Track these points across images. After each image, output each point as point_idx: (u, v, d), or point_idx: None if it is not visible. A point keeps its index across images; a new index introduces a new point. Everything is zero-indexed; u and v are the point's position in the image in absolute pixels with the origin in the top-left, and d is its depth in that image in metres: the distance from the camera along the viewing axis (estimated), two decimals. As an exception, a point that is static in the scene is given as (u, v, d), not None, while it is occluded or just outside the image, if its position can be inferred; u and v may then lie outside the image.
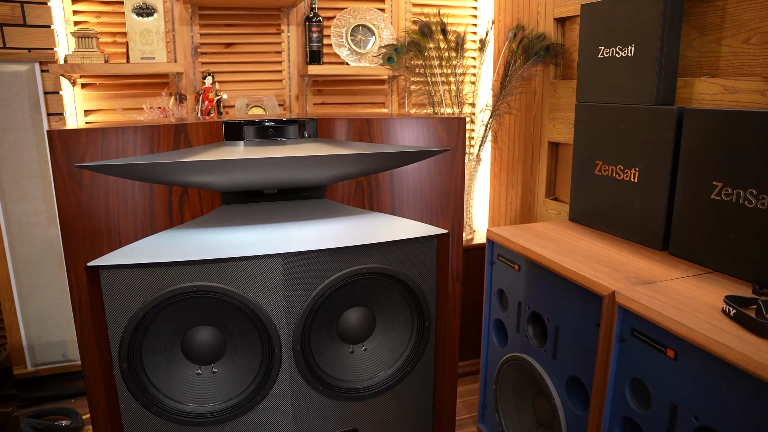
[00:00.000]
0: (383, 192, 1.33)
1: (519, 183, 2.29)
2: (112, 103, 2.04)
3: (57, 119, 1.96)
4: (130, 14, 1.83)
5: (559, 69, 2.02)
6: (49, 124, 1.95)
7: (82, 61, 1.81)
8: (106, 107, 2.04)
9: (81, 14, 1.97)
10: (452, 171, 1.36)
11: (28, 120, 1.89)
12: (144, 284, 1.23)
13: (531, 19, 2.12)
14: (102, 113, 2.04)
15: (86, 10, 1.96)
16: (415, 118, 1.31)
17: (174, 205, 1.22)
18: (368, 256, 1.35)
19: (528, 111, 2.18)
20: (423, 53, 2.07)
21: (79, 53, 1.81)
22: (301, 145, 1.27)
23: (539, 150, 2.13)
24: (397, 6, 2.33)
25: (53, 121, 1.95)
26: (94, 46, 1.83)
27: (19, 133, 1.89)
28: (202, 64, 2.12)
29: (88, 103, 2.02)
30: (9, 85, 1.86)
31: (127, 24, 1.85)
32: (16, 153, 1.90)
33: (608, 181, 1.60)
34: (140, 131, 1.15)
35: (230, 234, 1.25)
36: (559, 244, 1.54)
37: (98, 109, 2.04)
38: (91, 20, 1.98)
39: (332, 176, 1.29)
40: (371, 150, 1.25)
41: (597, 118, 1.62)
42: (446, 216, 1.39)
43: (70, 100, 1.99)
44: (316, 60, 2.18)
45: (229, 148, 1.23)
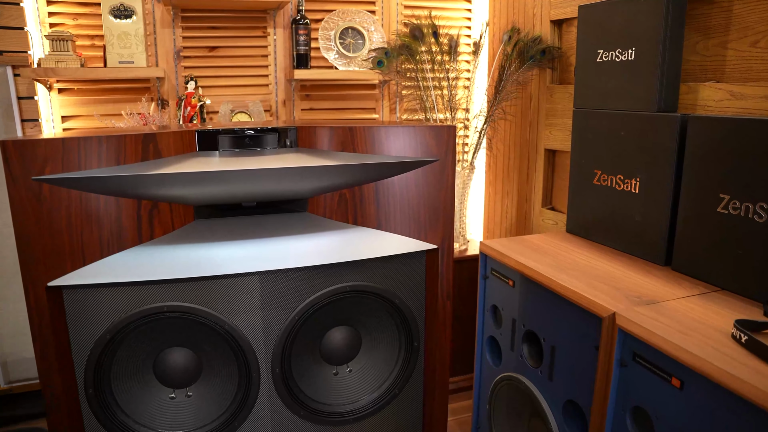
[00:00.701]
0: (368, 205, 1.25)
1: (514, 191, 2.22)
2: (90, 109, 1.96)
3: (32, 126, 1.88)
4: (107, 16, 1.75)
5: (556, 73, 1.95)
6: (24, 131, 1.87)
7: (57, 65, 1.74)
8: (85, 113, 1.96)
9: (57, 16, 1.89)
10: (442, 182, 1.28)
11: (0, 127, 1.81)
12: (111, 305, 1.15)
13: (527, 21, 2.05)
14: (80, 119, 1.97)
15: (62, 11, 1.89)
16: (401, 126, 1.23)
17: (143, 219, 1.14)
18: (352, 274, 1.27)
19: (523, 117, 2.11)
20: (414, 57, 2.00)
21: (53, 57, 1.74)
22: (280, 155, 1.19)
23: (535, 157, 2.06)
24: (388, 8, 2.26)
25: (27, 128, 1.87)
26: (70, 50, 1.75)
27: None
28: (184, 69, 2.04)
29: (66, 109, 1.95)
30: (-20, 90, 1.78)
31: (104, 26, 1.77)
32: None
33: (607, 192, 1.52)
34: (105, 141, 1.07)
35: (203, 251, 1.17)
36: (555, 258, 1.46)
37: (76, 115, 1.96)
38: (68, 22, 1.90)
39: (313, 189, 1.21)
40: (354, 161, 1.17)
41: (595, 125, 1.54)
42: (436, 230, 1.31)
43: (46, 106, 1.92)
44: (304, 64, 2.10)
45: (202, 159, 1.15)
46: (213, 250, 1.18)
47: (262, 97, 2.16)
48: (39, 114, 1.89)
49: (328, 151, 1.22)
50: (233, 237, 1.20)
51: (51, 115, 1.92)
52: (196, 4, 1.91)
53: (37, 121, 1.89)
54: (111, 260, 1.13)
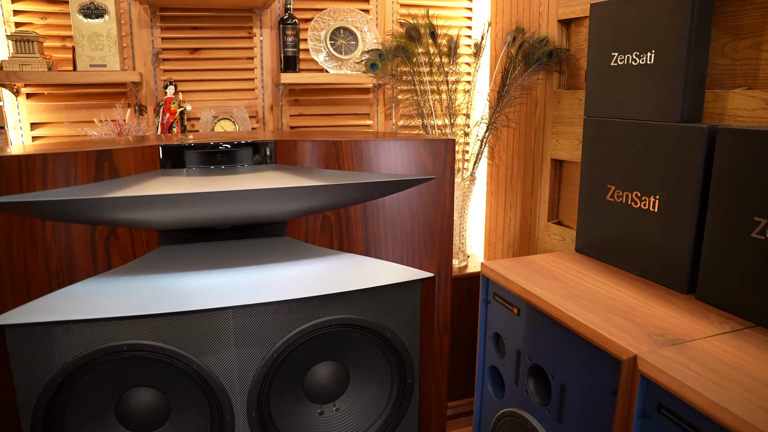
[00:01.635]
0: (355, 228, 1.11)
1: (518, 203, 2.07)
2: (62, 116, 1.82)
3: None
4: (77, 15, 1.61)
5: (564, 77, 1.81)
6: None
7: (21, 68, 1.60)
8: (56, 120, 1.82)
9: (23, 14, 1.75)
10: (438, 203, 1.14)
11: (-38, 135, 1.68)
12: (62, 345, 1.01)
13: (532, 21, 1.91)
14: (51, 126, 1.83)
15: (29, 9, 1.75)
16: (392, 140, 1.09)
17: (98, 247, 1.00)
18: (338, 306, 1.14)
19: (528, 124, 1.97)
20: (411, 59, 1.86)
21: (17, 59, 1.60)
22: (256, 174, 1.05)
23: (541, 168, 1.92)
24: (382, 6, 2.12)
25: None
26: (36, 51, 1.61)
27: (-48, 150, 1.67)
28: (164, 72, 1.90)
29: (35, 115, 1.81)
30: (-62, 96, 1.64)
31: (73, 26, 1.63)
32: (-52, 173, 1.67)
33: (622, 209, 1.38)
34: (51, 159, 0.93)
35: (169, 282, 1.03)
36: (564, 284, 1.32)
37: (46, 122, 1.82)
38: (36, 21, 1.76)
39: (292, 211, 1.07)
40: (339, 180, 1.04)
41: (609, 135, 1.40)
42: (431, 256, 1.17)
43: (13, 112, 1.78)
44: (292, 67, 1.96)
45: (164, 179, 1.01)
46: (179, 281, 1.04)
47: (248, 103, 2.02)
48: (5, 121, 1.75)
49: (310, 169, 1.08)
50: (203, 266, 1.06)
51: (19, 122, 1.78)
52: (175, 2, 1.77)
53: (3, 129, 1.75)
54: (61, 294, 0.99)
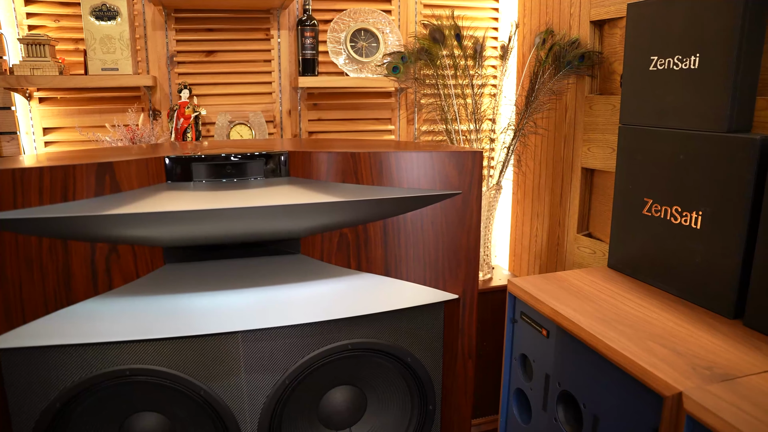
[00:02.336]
0: (374, 247, 1.03)
1: (546, 213, 1.98)
2: (74, 120, 1.77)
3: (9, 139, 1.70)
4: (88, 17, 1.56)
5: (596, 82, 1.71)
6: (0, 145, 1.68)
7: (32, 72, 1.55)
8: (69, 124, 1.77)
9: (36, 17, 1.71)
10: (464, 220, 1.05)
11: (-27, 141, 1.64)
12: (60, 369, 0.95)
13: (562, 22, 1.81)
14: (63, 131, 1.78)
15: (42, 12, 1.70)
16: (415, 151, 1.01)
17: (99, 266, 0.94)
18: (355, 329, 1.06)
19: (557, 131, 1.87)
20: (434, 62, 1.78)
21: (28, 63, 1.55)
22: (268, 188, 0.98)
23: (570, 177, 1.82)
24: (405, 7, 2.04)
25: (4, 142, 1.69)
26: (47, 55, 1.56)
27: (-38, 155, 1.63)
28: (178, 75, 1.84)
29: (48, 120, 1.76)
30: (-51, 101, 1.60)
31: (84, 29, 1.58)
32: (-41, 179, 1.63)
33: (661, 225, 1.28)
34: (48, 173, 0.87)
35: (174, 304, 0.96)
36: (598, 305, 1.23)
37: (59, 126, 1.77)
38: (49, 24, 1.71)
39: (306, 228, 0.99)
40: (357, 196, 0.96)
41: (647, 145, 1.31)
42: (456, 277, 1.08)
43: (25, 117, 1.73)
44: (310, 70, 1.89)
45: (169, 193, 0.94)
46: (185, 303, 0.97)
47: (265, 107, 1.95)
48: (17, 126, 1.71)
49: (326, 183, 1.00)
50: (210, 286, 0.99)
51: (32, 127, 1.74)
52: (190, 3, 1.71)
53: (16, 134, 1.70)
54: (58, 317, 0.93)
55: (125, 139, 1.64)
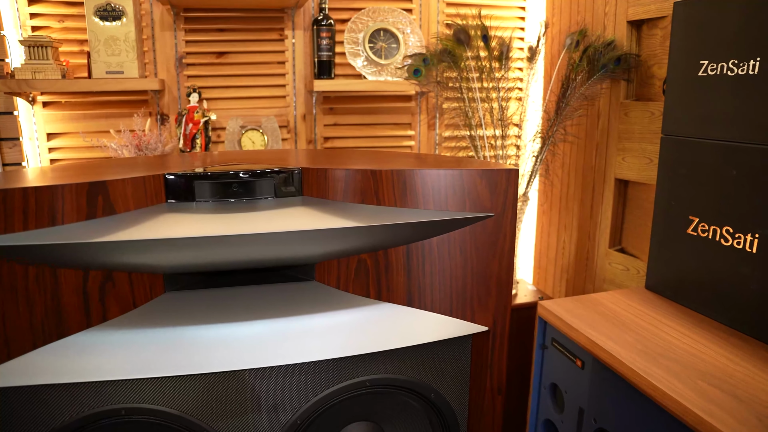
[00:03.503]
0: (396, 274, 0.93)
1: (574, 225, 1.86)
2: (79, 125, 1.69)
3: (11, 145, 1.62)
4: (92, 17, 1.47)
5: (632, 86, 1.59)
6: (1, 152, 1.61)
7: (34, 75, 1.47)
8: (73, 129, 1.69)
9: (40, 17, 1.62)
10: (496, 245, 0.95)
11: (-27, 147, 1.56)
12: (49, 408, 0.86)
13: (596, 21, 1.69)
14: (68, 137, 1.70)
15: (46, 12, 1.62)
16: (443, 169, 0.91)
17: (92, 296, 0.85)
18: (374, 364, 0.96)
19: (589, 138, 1.76)
20: (458, 64, 1.67)
21: (29, 66, 1.47)
22: (278, 210, 0.88)
23: (602, 187, 1.70)
24: (427, 5, 1.93)
25: (6, 148, 1.61)
26: (50, 57, 1.48)
27: (-39, 162, 1.56)
28: (188, 78, 1.75)
29: (52, 125, 1.68)
30: (-52, 106, 1.53)
31: (88, 30, 1.50)
32: (-42, 187, 1.56)
33: (708, 246, 1.17)
34: (33, 194, 0.78)
35: (174, 337, 0.87)
36: (639, 335, 1.12)
37: (63, 132, 1.69)
38: (54, 25, 1.63)
39: (321, 254, 0.90)
40: (377, 219, 0.86)
41: (693, 158, 1.19)
42: (486, 307, 0.98)
43: (29, 122, 1.65)
44: (326, 72, 1.79)
45: (169, 216, 0.85)
46: (187, 336, 0.88)
47: (278, 111, 1.86)
48: (20, 132, 1.63)
49: (343, 204, 0.90)
50: (215, 317, 0.89)
51: (35, 132, 1.66)
52: (201, 2, 1.62)
53: (18, 140, 1.62)
54: (47, 352, 0.84)
55: (131, 146, 1.55)
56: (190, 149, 1.68)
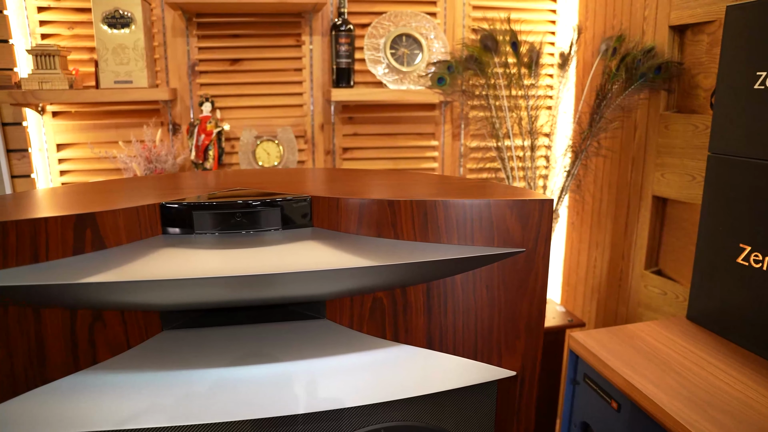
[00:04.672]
0: (415, 314, 0.84)
1: (607, 243, 1.75)
2: (89, 136, 1.63)
3: (20, 157, 1.56)
4: (100, 25, 1.41)
5: (673, 97, 1.47)
6: (9, 164, 1.55)
7: (41, 86, 1.41)
8: (82, 140, 1.63)
9: (49, 25, 1.57)
10: (527, 283, 0.85)
11: (-20, 159, 1.51)
12: (33, 458, 0.78)
13: (634, 26, 1.57)
14: (77, 148, 1.64)
15: (55, 19, 1.56)
16: (468, 200, 0.81)
17: (80, 337, 0.77)
18: (389, 412, 0.87)
19: (624, 152, 1.64)
20: (485, 72, 1.56)
21: (36, 76, 1.41)
22: (286, 244, 0.80)
23: (638, 205, 1.59)
24: (452, 9, 1.83)
25: (15, 160, 1.56)
26: (57, 67, 1.42)
27: (-31, 175, 1.50)
28: (200, 86, 1.68)
29: (61, 136, 1.62)
30: (-45, 116, 1.47)
31: (96, 38, 1.43)
32: (-36, 200, 1.51)
33: (761, 278, 1.05)
34: (13, 228, 0.71)
35: (171, 382, 0.79)
36: (682, 377, 1.01)
37: (73, 143, 1.63)
38: (63, 32, 1.57)
39: (332, 293, 0.81)
40: (394, 257, 0.76)
41: (745, 180, 1.08)
42: (513, 350, 0.88)
43: (38, 133, 1.59)
44: (345, 80, 1.70)
45: (165, 251, 0.77)
46: (184, 382, 0.79)
47: (295, 121, 1.77)
48: (29, 143, 1.57)
49: (357, 237, 0.81)
50: (215, 361, 0.81)
51: (45, 143, 1.60)
52: (213, 7, 1.54)
53: (26, 152, 1.57)
54: (30, 399, 0.77)
55: (140, 158, 1.48)
56: (202, 161, 1.61)
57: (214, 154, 1.60)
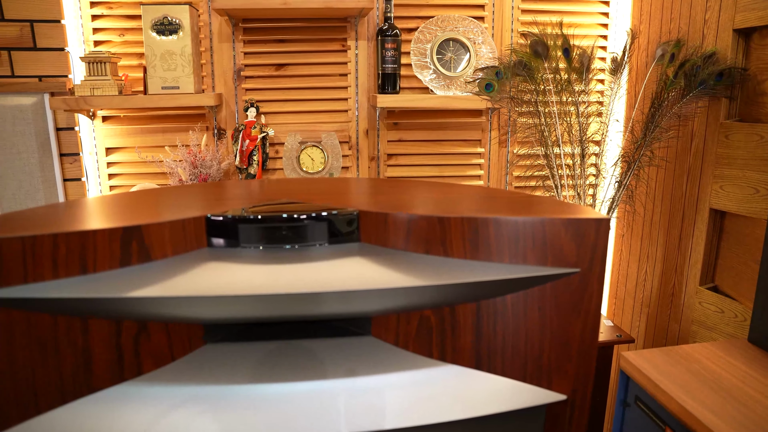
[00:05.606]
0: (463, 333, 0.81)
1: (658, 256, 1.67)
2: (137, 140, 1.66)
3: (72, 161, 1.60)
4: (149, 32, 1.42)
5: (735, 105, 1.40)
6: (62, 167, 1.59)
7: (92, 92, 1.43)
8: (130, 144, 1.66)
9: (102, 32, 1.60)
10: (581, 305, 0.81)
11: (35, 164, 1.55)
12: (79, 468, 0.79)
13: (693, 30, 1.50)
14: (125, 152, 1.66)
15: (108, 26, 1.59)
16: (521, 218, 0.78)
17: (126, 348, 0.77)
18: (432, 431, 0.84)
19: (679, 162, 1.57)
20: (534, 78, 1.52)
21: (88, 82, 1.44)
22: (333, 261, 0.78)
23: (693, 217, 1.51)
24: (500, 13, 1.78)
25: (67, 164, 1.59)
26: (108, 73, 1.44)
27: (24, 179, 1.55)
28: (246, 91, 1.68)
29: (111, 140, 1.65)
30: (12, 122, 1.51)
31: (145, 44, 1.45)
32: (18, 204, 1.55)
33: (835, 303, 0.98)
34: (64, 240, 0.71)
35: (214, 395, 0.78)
36: (744, 405, 0.95)
37: (121, 147, 1.66)
38: (114, 39, 1.59)
39: (378, 310, 0.79)
40: (444, 276, 0.74)
41: (819, 198, 1.01)
42: (564, 374, 0.85)
43: (89, 137, 1.63)
44: (391, 86, 1.68)
45: (211, 264, 0.76)
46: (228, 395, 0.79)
47: (339, 126, 1.76)
48: (80, 147, 1.60)
49: (405, 254, 0.79)
50: (257, 376, 0.80)
51: (94, 147, 1.63)
52: (260, 12, 1.54)
53: (78, 156, 1.60)
54: (77, 408, 0.77)
55: (185, 162, 1.50)
56: (246, 166, 1.61)
57: (258, 159, 1.60)
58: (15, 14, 1.50)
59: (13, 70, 1.52)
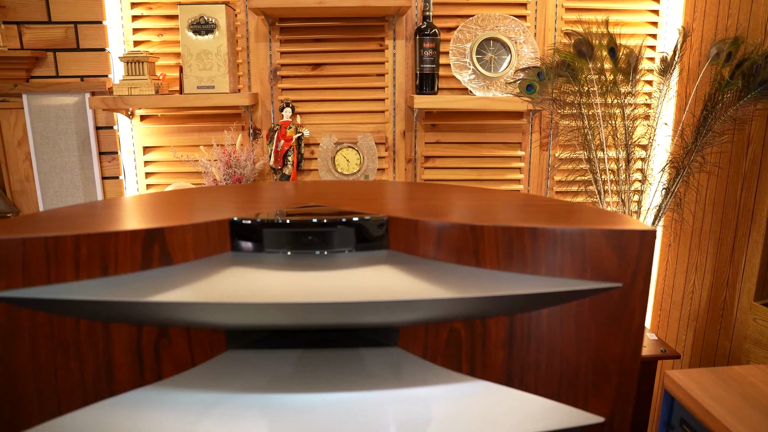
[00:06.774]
0: (494, 348, 0.77)
1: (708, 267, 1.59)
2: (172, 139, 1.67)
3: (110, 159, 1.62)
4: (185, 31, 1.42)
5: (796, 108, 1.31)
6: (101, 166, 1.61)
7: (129, 91, 1.44)
8: (167, 143, 1.67)
9: (142, 32, 1.61)
10: (621, 322, 0.76)
11: (76, 162, 1.57)
12: (99, 471, 0.78)
13: (753, 28, 1.42)
14: (161, 150, 1.67)
15: (147, 27, 1.61)
16: (559, 227, 0.73)
17: (146, 353, 0.76)
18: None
19: (734, 168, 1.48)
20: (578, 79, 1.46)
21: (126, 82, 1.45)
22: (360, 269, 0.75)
23: (748, 227, 1.43)
24: (543, 12, 1.72)
25: (106, 162, 1.61)
26: (145, 73, 1.45)
27: (65, 176, 1.57)
28: (281, 91, 1.67)
29: (148, 139, 1.67)
30: (56, 121, 1.54)
31: (181, 44, 1.45)
32: (60, 201, 1.58)
33: None
34: (85, 241, 0.70)
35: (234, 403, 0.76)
36: (807, 435, 0.88)
37: (158, 146, 1.67)
38: (153, 39, 1.61)
39: (406, 321, 0.75)
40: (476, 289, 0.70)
41: None
42: (602, 394, 0.80)
43: (127, 136, 1.64)
44: (429, 86, 1.64)
45: (234, 270, 0.74)
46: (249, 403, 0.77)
47: (376, 128, 1.73)
48: (118, 146, 1.62)
49: (436, 264, 0.76)
50: (279, 385, 0.78)
51: (133, 146, 1.65)
52: (296, 11, 1.52)
53: (116, 154, 1.62)
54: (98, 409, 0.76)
55: (220, 162, 1.49)
56: (281, 167, 1.60)
57: (293, 159, 1.59)
58: (61, 16, 1.53)
59: (58, 71, 1.56)
